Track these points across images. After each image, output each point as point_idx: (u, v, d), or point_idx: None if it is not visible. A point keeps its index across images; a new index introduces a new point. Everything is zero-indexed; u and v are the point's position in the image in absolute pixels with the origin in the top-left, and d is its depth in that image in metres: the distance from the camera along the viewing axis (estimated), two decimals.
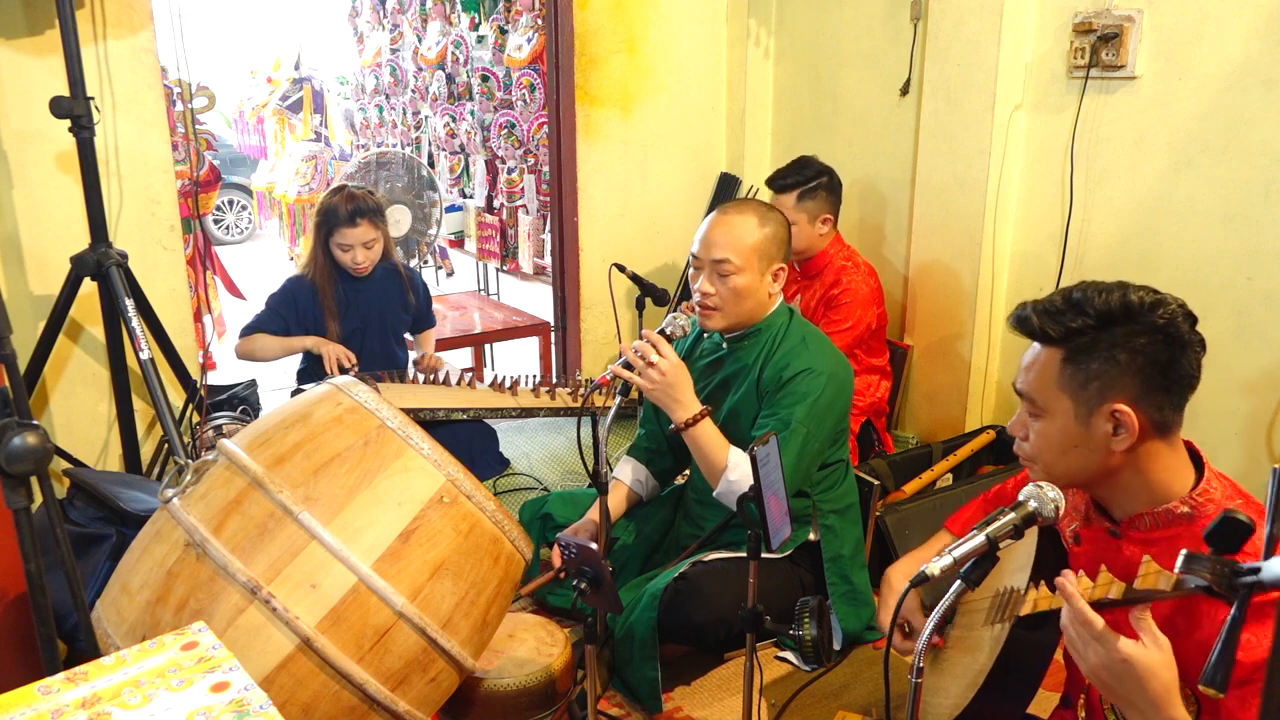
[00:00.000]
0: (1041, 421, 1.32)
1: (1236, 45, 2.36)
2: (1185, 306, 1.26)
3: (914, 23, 3.14)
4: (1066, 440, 1.29)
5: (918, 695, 1.24)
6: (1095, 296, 1.26)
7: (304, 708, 1.51)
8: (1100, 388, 1.25)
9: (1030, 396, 1.32)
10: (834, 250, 3.02)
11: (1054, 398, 1.29)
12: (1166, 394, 1.24)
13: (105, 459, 3.00)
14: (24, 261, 2.76)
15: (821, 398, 2.10)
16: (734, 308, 2.14)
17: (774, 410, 2.11)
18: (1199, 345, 1.26)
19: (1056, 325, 1.27)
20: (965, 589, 1.26)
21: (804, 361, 2.12)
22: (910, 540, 2.48)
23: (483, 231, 6.12)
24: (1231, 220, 2.44)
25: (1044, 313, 1.29)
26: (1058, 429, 1.30)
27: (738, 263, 2.09)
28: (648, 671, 2.08)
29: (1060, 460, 1.31)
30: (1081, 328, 1.26)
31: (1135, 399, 1.24)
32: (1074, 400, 1.27)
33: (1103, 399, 1.25)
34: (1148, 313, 1.24)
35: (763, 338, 2.20)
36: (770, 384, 2.14)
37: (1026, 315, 1.31)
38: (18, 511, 1.24)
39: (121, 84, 2.80)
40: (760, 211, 2.15)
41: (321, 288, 3.08)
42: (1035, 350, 1.32)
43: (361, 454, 1.61)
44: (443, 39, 6.18)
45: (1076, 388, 1.27)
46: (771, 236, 2.13)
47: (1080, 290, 1.28)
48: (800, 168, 2.96)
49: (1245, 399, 2.45)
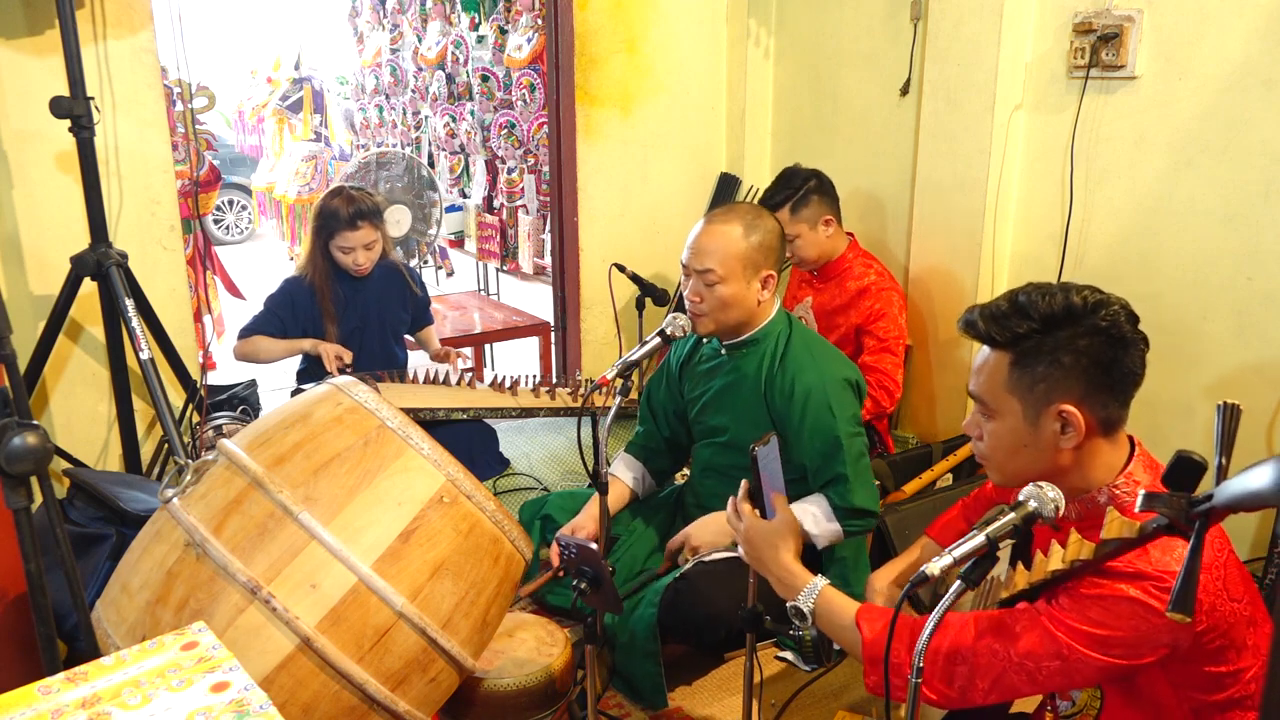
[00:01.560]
0: (993, 422, 1.36)
1: (1236, 45, 2.36)
2: (1128, 306, 1.30)
3: (914, 23, 3.14)
4: (1016, 440, 1.34)
5: (917, 695, 1.24)
6: (1039, 300, 1.30)
7: (304, 708, 1.51)
8: (1046, 389, 1.29)
9: (981, 398, 1.37)
10: (852, 255, 2.99)
11: (1003, 399, 1.33)
12: (1110, 393, 1.29)
13: (105, 459, 3.00)
14: (24, 261, 2.76)
15: (844, 402, 2.12)
16: (721, 314, 2.14)
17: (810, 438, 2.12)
18: (1142, 343, 1.30)
19: (1002, 330, 1.32)
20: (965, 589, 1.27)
21: (810, 376, 2.12)
22: (910, 540, 2.46)
23: (483, 231, 6.13)
24: (1231, 220, 2.44)
25: (990, 317, 1.33)
26: (1008, 429, 1.34)
27: (721, 273, 2.09)
28: (649, 668, 2.08)
29: (1011, 459, 1.36)
30: (1026, 332, 1.30)
31: (1080, 399, 1.28)
32: (1022, 402, 1.32)
33: (1049, 400, 1.29)
34: (1090, 314, 1.28)
35: (762, 347, 2.19)
36: (783, 407, 2.14)
37: (974, 320, 1.36)
38: (18, 511, 1.24)
39: (121, 84, 2.80)
40: (747, 220, 2.13)
41: (320, 289, 3.08)
42: (985, 354, 1.37)
43: (361, 454, 1.61)
44: (443, 39, 6.18)
45: (1024, 390, 1.31)
46: (758, 245, 2.11)
47: (1025, 293, 1.32)
48: (785, 181, 2.93)
49: (1245, 399, 2.44)
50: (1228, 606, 1.21)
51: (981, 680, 1.29)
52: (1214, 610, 1.19)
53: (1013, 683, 1.27)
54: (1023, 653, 1.25)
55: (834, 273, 3.00)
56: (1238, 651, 1.23)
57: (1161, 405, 2.60)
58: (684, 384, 2.40)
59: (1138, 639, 1.19)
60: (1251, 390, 2.43)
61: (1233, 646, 1.23)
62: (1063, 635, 1.22)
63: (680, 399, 2.42)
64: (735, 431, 2.23)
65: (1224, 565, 1.22)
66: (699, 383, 2.32)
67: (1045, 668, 1.24)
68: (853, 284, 2.95)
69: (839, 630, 1.44)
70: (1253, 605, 1.26)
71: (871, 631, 1.38)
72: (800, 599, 1.48)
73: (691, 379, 2.36)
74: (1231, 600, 1.21)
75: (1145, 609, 1.17)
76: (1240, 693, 1.25)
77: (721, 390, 2.26)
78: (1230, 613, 1.21)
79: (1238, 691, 1.25)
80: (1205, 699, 1.26)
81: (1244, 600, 1.24)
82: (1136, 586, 1.18)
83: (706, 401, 2.29)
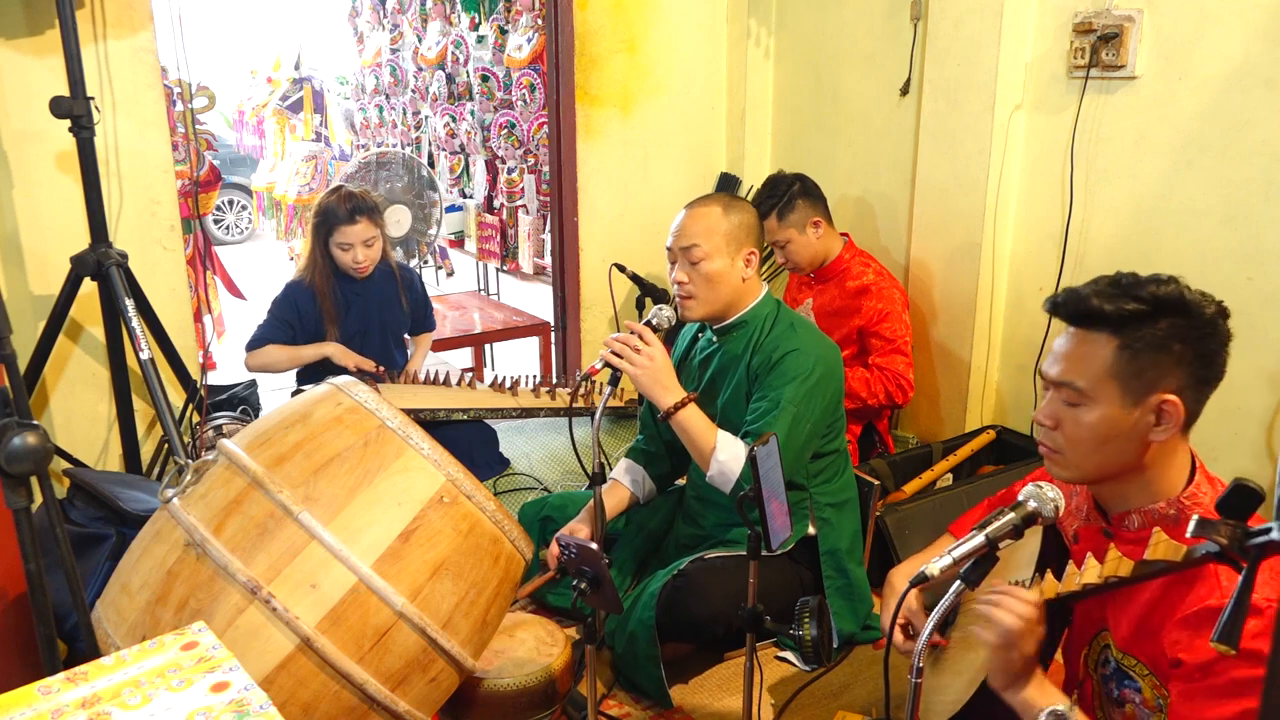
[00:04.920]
0: (1082, 409, 1.28)
1: (1236, 45, 2.36)
2: (1224, 305, 1.27)
3: (914, 23, 3.14)
4: (1109, 430, 1.26)
5: (917, 695, 1.24)
6: (1149, 284, 1.25)
7: (304, 708, 1.51)
8: (1154, 377, 1.24)
9: (1073, 384, 1.28)
10: (849, 255, 2.99)
11: (1102, 385, 1.26)
12: (1207, 387, 1.25)
13: (105, 459, 3.00)
14: (24, 261, 2.76)
15: (810, 377, 2.11)
16: (708, 293, 2.17)
17: (764, 392, 2.13)
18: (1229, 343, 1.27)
19: (1115, 306, 1.25)
20: (965, 589, 1.27)
21: (791, 344, 2.14)
22: (910, 540, 2.48)
23: (483, 231, 6.13)
24: (1231, 220, 2.44)
25: (1101, 294, 1.27)
26: (1100, 418, 1.27)
27: (706, 248, 2.13)
28: (651, 669, 2.09)
29: (1097, 451, 1.29)
30: (1137, 313, 1.24)
31: (1182, 390, 1.24)
32: (1124, 389, 1.25)
33: (1153, 388, 1.24)
34: (1198, 306, 1.24)
35: (749, 328, 2.21)
36: (760, 369, 2.17)
37: (1083, 296, 1.28)
38: (18, 511, 1.24)
39: (121, 84, 2.80)
40: (725, 201, 2.20)
41: (321, 290, 3.08)
42: (1081, 336, 1.29)
43: (361, 454, 1.61)
44: (443, 39, 6.18)
45: (1129, 376, 1.25)
46: (739, 223, 2.16)
47: (1128, 278, 1.27)
48: (769, 190, 2.94)
49: (1246, 399, 2.45)
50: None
51: None
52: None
53: None
54: None
55: (832, 273, 3.00)
56: None
57: None
58: (682, 381, 2.40)
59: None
60: (1251, 390, 2.43)
61: None
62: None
63: None
64: (729, 412, 2.23)
65: None
66: (694, 375, 2.34)
67: None
68: (851, 283, 2.96)
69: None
70: None
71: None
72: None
73: (688, 373, 2.37)
74: None
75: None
76: None
77: (715, 375, 2.28)
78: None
79: None
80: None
81: None
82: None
83: (702, 390, 2.30)
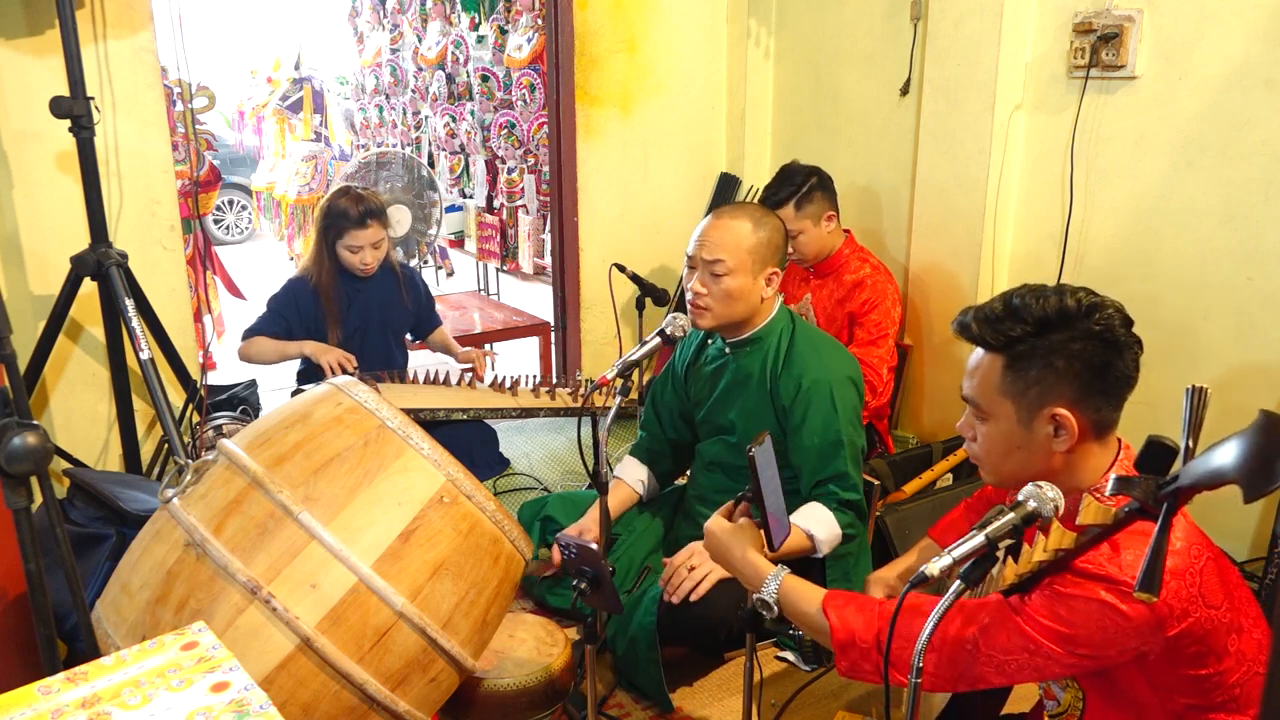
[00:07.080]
0: (986, 425, 1.36)
1: (1236, 45, 2.36)
2: (1122, 309, 1.30)
3: (914, 23, 3.14)
4: (1010, 442, 1.34)
5: (917, 695, 1.24)
6: (1033, 302, 1.29)
7: (304, 708, 1.51)
8: (1040, 392, 1.29)
9: (974, 401, 1.37)
10: (848, 251, 3.00)
11: (997, 402, 1.33)
12: (1104, 396, 1.29)
13: (105, 459, 3.00)
14: (24, 261, 2.76)
15: (848, 402, 2.14)
16: (724, 308, 2.15)
17: (812, 430, 2.13)
18: (1136, 346, 1.30)
19: (995, 333, 1.32)
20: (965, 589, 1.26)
21: (817, 371, 2.14)
22: (911, 540, 2.48)
23: (483, 231, 6.12)
24: (1231, 220, 2.44)
25: (983, 320, 1.33)
26: (1001, 432, 1.35)
27: (730, 264, 2.11)
28: (652, 673, 2.08)
29: (1005, 461, 1.37)
30: (1020, 335, 1.30)
31: (1074, 402, 1.28)
32: (1015, 405, 1.32)
33: (1043, 403, 1.29)
34: (1084, 318, 1.27)
35: (765, 345, 2.20)
36: (791, 401, 2.15)
37: (967, 322, 1.35)
38: (18, 511, 1.24)
39: (121, 84, 2.80)
40: (756, 216, 2.16)
41: (325, 290, 3.08)
42: (978, 356, 1.36)
43: (361, 454, 1.61)
44: (443, 39, 6.18)
45: (1017, 393, 1.31)
46: (766, 241, 2.13)
47: (1019, 296, 1.32)
48: (787, 179, 2.93)
49: (1246, 399, 2.45)
50: (1203, 613, 1.20)
51: (950, 669, 1.30)
52: (1186, 615, 1.18)
53: (981, 673, 1.28)
54: (992, 644, 1.26)
55: (831, 268, 3.01)
56: (1218, 657, 1.22)
57: (1162, 405, 2.59)
58: (689, 386, 2.40)
59: (1104, 640, 1.19)
60: (1251, 390, 2.43)
61: (1211, 653, 1.22)
62: (1031, 630, 1.23)
63: (686, 401, 2.42)
64: (743, 429, 2.24)
65: (1200, 572, 1.21)
66: (705, 383, 2.33)
67: (1013, 660, 1.25)
68: (849, 277, 2.97)
69: (806, 618, 1.44)
70: (1235, 612, 1.24)
71: (840, 619, 1.39)
72: (764, 590, 1.48)
73: (697, 380, 2.37)
74: (1208, 607, 1.20)
75: (1113, 612, 1.17)
76: (1223, 696, 1.24)
77: (728, 388, 2.26)
78: (1206, 619, 1.20)
79: (1221, 695, 1.24)
80: (1186, 701, 1.25)
81: (1222, 608, 1.22)
82: (1106, 590, 1.18)
83: (714, 400, 2.29)
